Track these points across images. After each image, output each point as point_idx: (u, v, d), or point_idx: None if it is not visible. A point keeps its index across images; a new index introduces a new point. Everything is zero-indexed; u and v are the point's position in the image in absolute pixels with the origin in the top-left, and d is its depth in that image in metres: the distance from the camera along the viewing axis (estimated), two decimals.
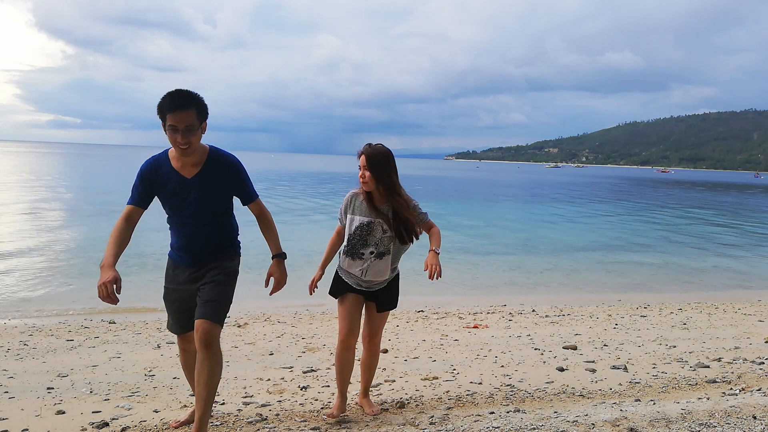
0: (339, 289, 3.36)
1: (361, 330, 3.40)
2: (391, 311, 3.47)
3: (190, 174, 2.79)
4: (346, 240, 3.26)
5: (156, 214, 3.15)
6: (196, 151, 2.74)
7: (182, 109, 2.63)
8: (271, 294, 2.99)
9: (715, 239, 17.92)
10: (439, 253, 3.09)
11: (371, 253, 3.20)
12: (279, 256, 2.99)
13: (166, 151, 2.85)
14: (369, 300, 3.35)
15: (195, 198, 2.81)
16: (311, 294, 3.41)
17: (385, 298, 3.35)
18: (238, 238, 3.06)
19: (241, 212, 3.03)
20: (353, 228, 3.20)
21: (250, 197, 2.95)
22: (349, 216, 3.24)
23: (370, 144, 3.24)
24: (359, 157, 3.21)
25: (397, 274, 3.38)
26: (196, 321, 2.80)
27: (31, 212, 17.83)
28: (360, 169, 3.19)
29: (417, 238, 3.26)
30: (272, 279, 2.98)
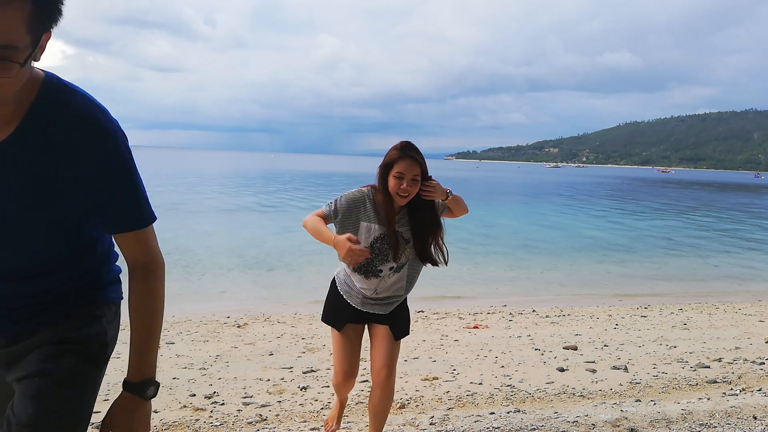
0: (339, 317, 2.64)
1: (371, 365, 2.67)
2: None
3: None
4: None
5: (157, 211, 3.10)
6: (14, 93, 1.13)
7: None
8: None
9: (716, 239, 17.91)
10: (449, 192, 2.57)
11: (391, 269, 2.54)
12: (136, 389, 1.35)
13: None
14: (377, 323, 2.64)
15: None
16: (363, 251, 2.30)
17: (398, 322, 2.66)
18: (116, 266, 1.49)
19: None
20: (371, 240, 2.49)
21: (128, 218, 1.31)
22: (363, 224, 2.50)
23: (410, 144, 2.47)
24: (401, 160, 2.40)
25: (406, 299, 2.73)
26: None
27: None
28: (399, 179, 2.40)
29: (440, 262, 2.60)
30: None
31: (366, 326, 2.70)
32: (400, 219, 2.53)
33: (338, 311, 2.64)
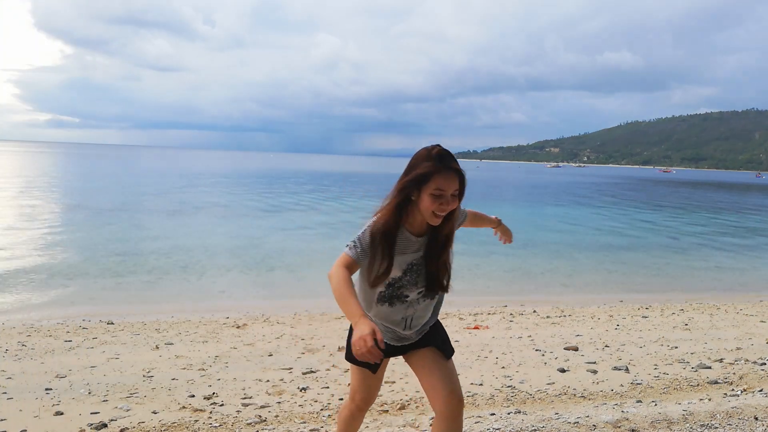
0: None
1: (433, 395, 2.14)
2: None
3: None
4: (385, 285, 2.14)
5: (151, 214, 3.09)
6: None
7: None
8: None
9: (717, 239, 17.88)
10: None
11: (419, 293, 2.17)
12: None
13: None
14: (418, 348, 2.25)
15: None
16: (379, 361, 1.83)
17: (441, 338, 2.29)
18: None
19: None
20: (402, 270, 2.12)
21: None
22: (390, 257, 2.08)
23: (447, 152, 2.02)
24: (439, 173, 1.95)
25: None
26: None
27: (29, 212, 17.83)
28: (438, 197, 1.97)
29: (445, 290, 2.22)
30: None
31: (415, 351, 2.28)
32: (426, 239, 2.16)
33: None
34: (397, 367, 4.65)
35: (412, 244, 2.11)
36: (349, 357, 2.27)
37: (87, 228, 15.06)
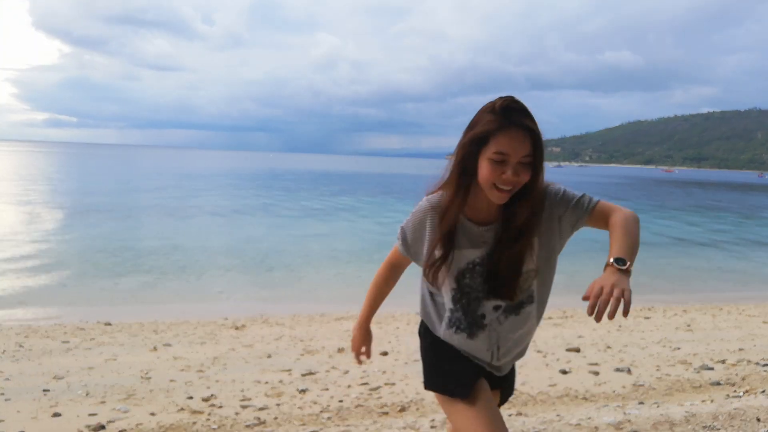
0: (462, 375, 1.66)
1: None
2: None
3: None
4: (447, 299, 1.65)
5: (149, 214, 3.06)
6: None
7: None
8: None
9: (719, 239, 17.83)
10: (624, 270, 1.47)
11: (496, 308, 1.62)
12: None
13: None
14: (492, 384, 1.74)
15: None
16: (359, 364, 1.95)
17: (510, 380, 1.85)
18: None
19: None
20: (456, 273, 1.59)
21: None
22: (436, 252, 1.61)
23: (516, 103, 1.46)
24: (502, 131, 1.42)
25: None
26: None
27: (26, 213, 17.82)
28: (500, 163, 1.44)
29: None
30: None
31: None
32: (491, 226, 1.59)
33: (455, 366, 1.68)
34: (396, 368, 4.62)
35: (473, 236, 1.57)
36: (434, 386, 1.75)
37: (85, 228, 15.04)
